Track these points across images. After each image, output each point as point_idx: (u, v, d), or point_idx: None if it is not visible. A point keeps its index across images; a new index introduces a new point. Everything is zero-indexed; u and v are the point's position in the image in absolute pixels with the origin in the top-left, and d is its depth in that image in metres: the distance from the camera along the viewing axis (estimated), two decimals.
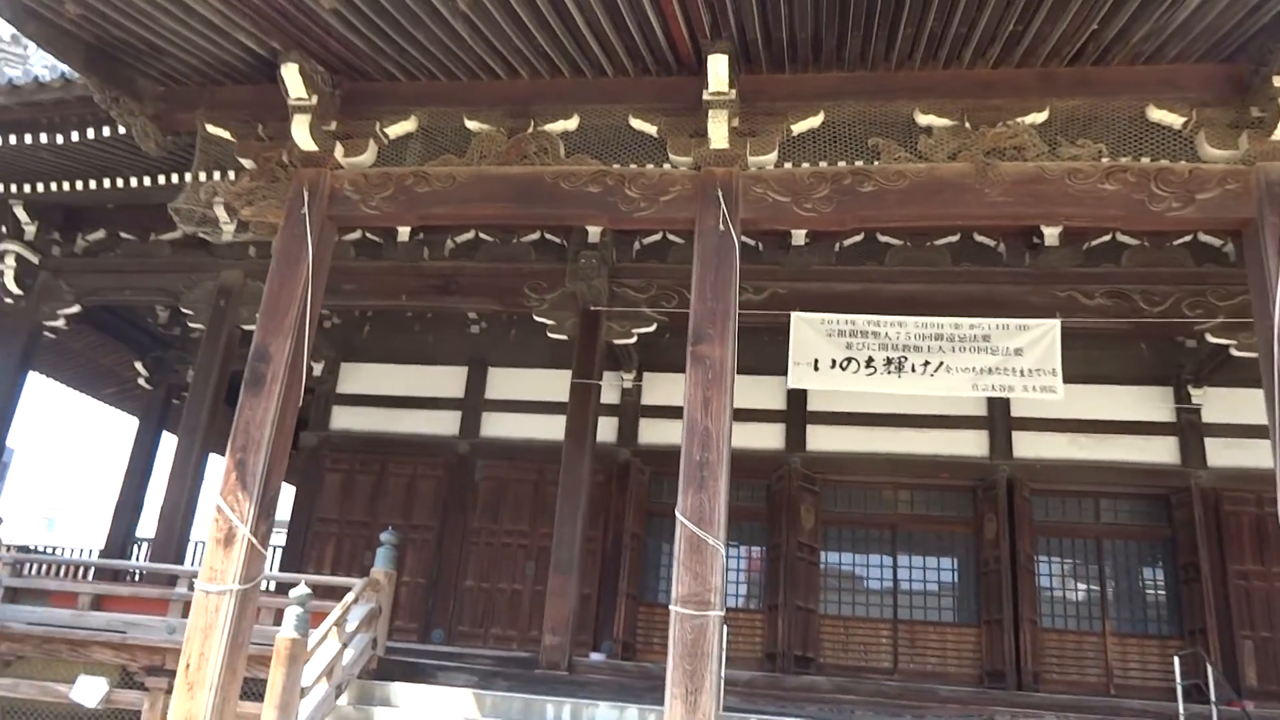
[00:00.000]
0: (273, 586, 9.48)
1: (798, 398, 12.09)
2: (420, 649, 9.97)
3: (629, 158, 7.10)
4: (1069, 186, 6.51)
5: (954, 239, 10.09)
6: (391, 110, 7.32)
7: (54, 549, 19.25)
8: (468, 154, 7.16)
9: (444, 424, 12.66)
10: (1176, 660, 8.04)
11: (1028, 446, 11.61)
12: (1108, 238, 9.75)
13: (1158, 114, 6.61)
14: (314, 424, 12.83)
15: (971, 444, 11.78)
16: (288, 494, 15.19)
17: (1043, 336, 9.00)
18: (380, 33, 6.53)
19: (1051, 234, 9.75)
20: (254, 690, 7.01)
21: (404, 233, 10.70)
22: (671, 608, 5.78)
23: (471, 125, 7.23)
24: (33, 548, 15.64)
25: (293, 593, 6.66)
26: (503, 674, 8.49)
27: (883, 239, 10.19)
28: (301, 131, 6.99)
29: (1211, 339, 9.66)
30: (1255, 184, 6.27)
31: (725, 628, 7.97)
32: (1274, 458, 5.92)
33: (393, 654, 8.88)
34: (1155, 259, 9.56)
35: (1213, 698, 7.40)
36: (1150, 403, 11.62)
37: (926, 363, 9.13)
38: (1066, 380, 9.16)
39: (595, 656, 10.67)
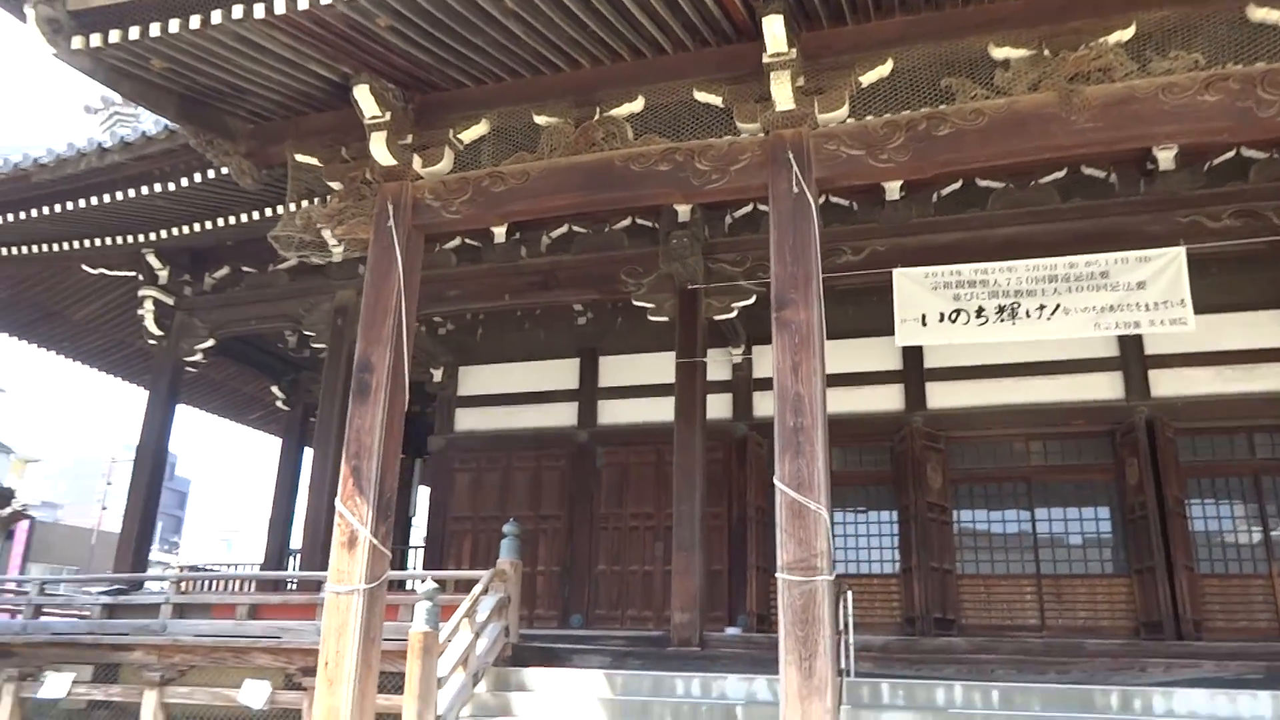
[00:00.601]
0: (413, 586, 9.92)
1: (914, 356, 11.77)
2: (558, 634, 10.24)
3: (697, 132, 7.05)
4: (1164, 103, 6.09)
5: (1060, 175, 9.61)
6: (463, 116, 7.51)
7: (228, 566, 20.71)
8: (538, 149, 7.27)
9: (562, 416, 12.93)
10: None
11: (1167, 384, 10.92)
12: (1231, 154, 9.09)
13: (1260, 13, 6.09)
14: (439, 428, 13.34)
15: (1105, 386, 11.17)
16: (423, 497, 15.87)
17: (1167, 266, 8.46)
18: (439, 43, 6.71)
19: (1166, 157, 9.15)
20: (397, 684, 7.37)
21: (500, 234, 10.99)
22: (779, 575, 5.75)
23: (540, 120, 7.33)
24: (203, 567, 16.87)
25: (420, 588, 6.95)
26: (635, 653, 8.64)
27: (982, 183, 9.80)
28: (379, 148, 7.26)
29: None
30: None
31: (850, 593, 7.93)
32: None
33: (531, 640, 9.18)
34: None
35: None
36: None
37: (1041, 306, 8.73)
38: (1203, 310, 8.60)
39: (730, 631, 10.73)
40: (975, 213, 9.74)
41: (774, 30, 6.34)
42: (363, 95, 7.06)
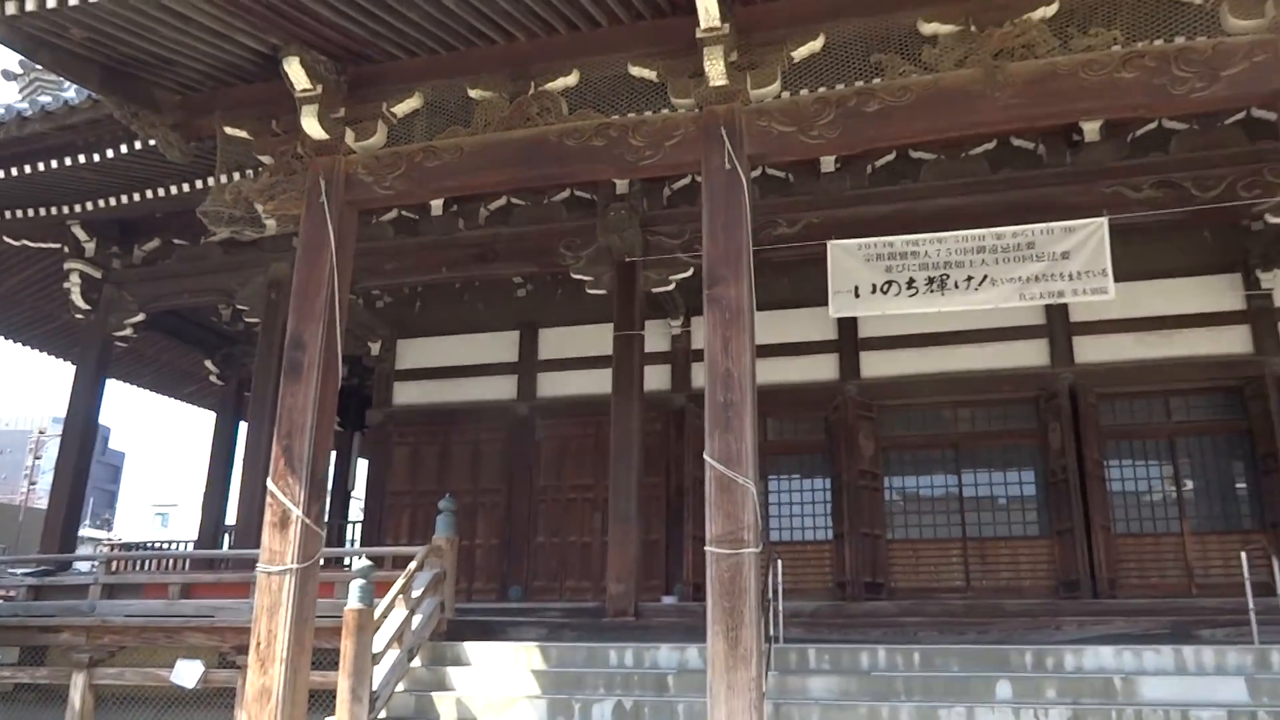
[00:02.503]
0: (350, 562, 9.90)
1: (848, 326, 11.96)
2: (496, 607, 10.33)
3: (633, 106, 7.06)
4: (1084, 80, 6.24)
5: (990, 146, 9.81)
6: (396, 89, 7.40)
7: (163, 544, 20.35)
8: (473, 123, 7.21)
9: (501, 389, 12.92)
10: (1244, 555, 7.83)
11: (1090, 351, 11.29)
12: (1153, 126, 9.37)
13: None
14: (378, 402, 13.24)
15: (1031, 354, 11.50)
16: (363, 470, 15.77)
17: (1090, 236, 8.72)
18: (370, 15, 6.59)
19: (1092, 129, 9.42)
20: (333, 660, 7.37)
21: (437, 207, 10.89)
22: (707, 548, 5.88)
23: (474, 94, 7.26)
24: (137, 544, 16.57)
25: (354, 566, 6.95)
26: (571, 625, 8.76)
27: (915, 155, 9.98)
28: (311, 121, 7.13)
29: (1271, 219, 9.23)
30: None
31: (780, 561, 8.13)
32: None
33: (468, 614, 9.24)
34: (1206, 142, 9.19)
35: (1278, 590, 7.20)
36: (1218, 292, 11.14)
37: (969, 278, 8.95)
38: (1126, 278, 8.88)
39: (667, 600, 10.91)
40: (908, 185, 9.92)
41: (707, 5, 6.33)
42: (293, 68, 6.91)
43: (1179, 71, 6.09)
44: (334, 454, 16.80)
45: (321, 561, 6.82)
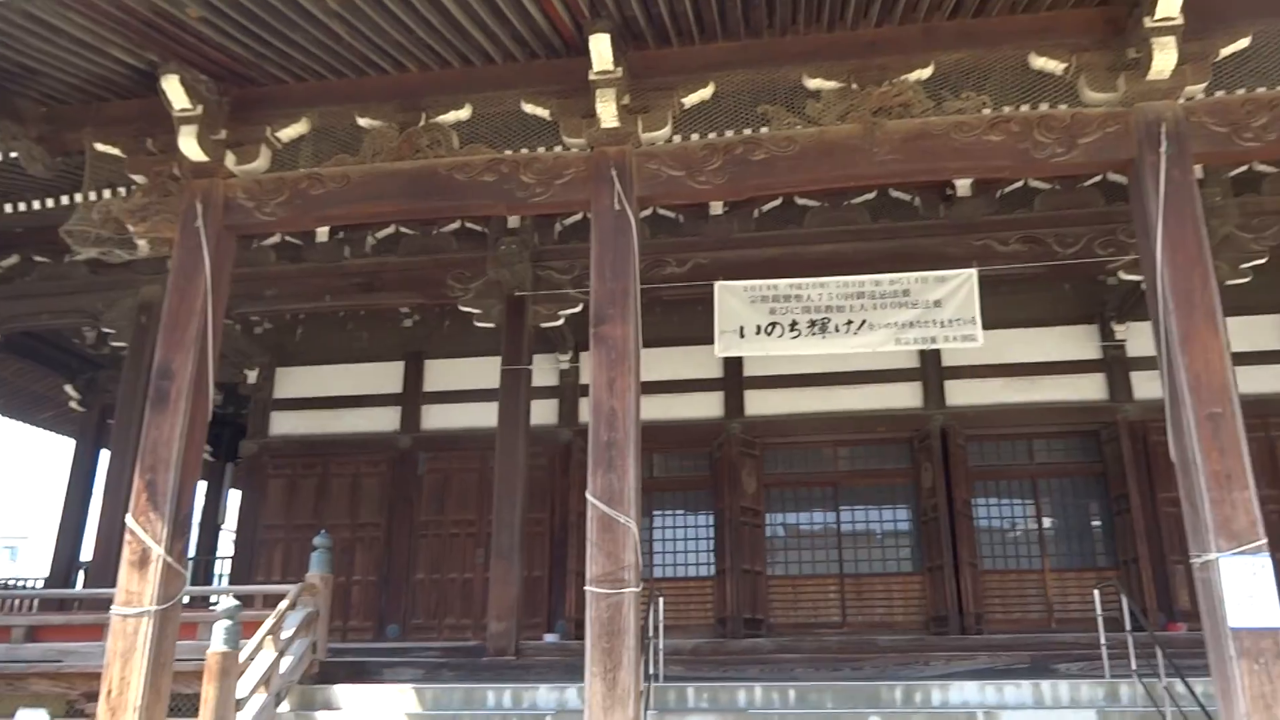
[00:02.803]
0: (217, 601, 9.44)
1: (734, 365, 12.20)
2: (372, 647, 10.04)
3: (525, 143, 7.08)
4: (955, 140, 6.58)
5: (871, 196, 10.18)
6: (282, 114, 7.22)
7: (9, 581, 18.99)
8: (361, 152, 7.09)
9: (384, 420, 12.65)
10: (1096, 593, 8.27)
11: (960, 394, 11.82)
12: (1020, 184, 9.89)
13: (1039, 61, 6.68)
14: (253, 431, 12.76)
15: (906, 396, 11.96)
16: (233, 503, 15.11)
17: (960, 286, 9.11)
18: (256, 38, 6.43)
19: (964, 184, 9.88)
20: (194, 707, 7.01)
21: (323, 233, 10.62)
22: (587, 588, 5.88)
23: (363, 122, 7.15)
24: None
25: (219, 606, 6.65)
26: (449, 665, 8.57)
27: (801, 201, 10.27)
28: (189, 142, 6.88)
29: (1124, 276, 9.87)
30: (1134, 125, 6.37)
31: (661, 599, 8.16)
32: (1163, 389, 6.09)
33: (343, 655, 8.94)
34: (1066, 201, 9.72)
35: (1127, 625, 7.62)
36: (1077, 341, 11.86)
37: (849, 321, 9.22)
38: (994, 326, 9.32)
39: (549, 638, 10.79)
40: (794, 230, 10.19)
41: (600, 49, 6.44)
42: (171, 86, 6.67)
43: (1041, 137, 6.49)
44: (204, 485, 16.13)
45: (187, 599, 6.50)
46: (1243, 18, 6.30)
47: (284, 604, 7.78)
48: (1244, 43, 6.34)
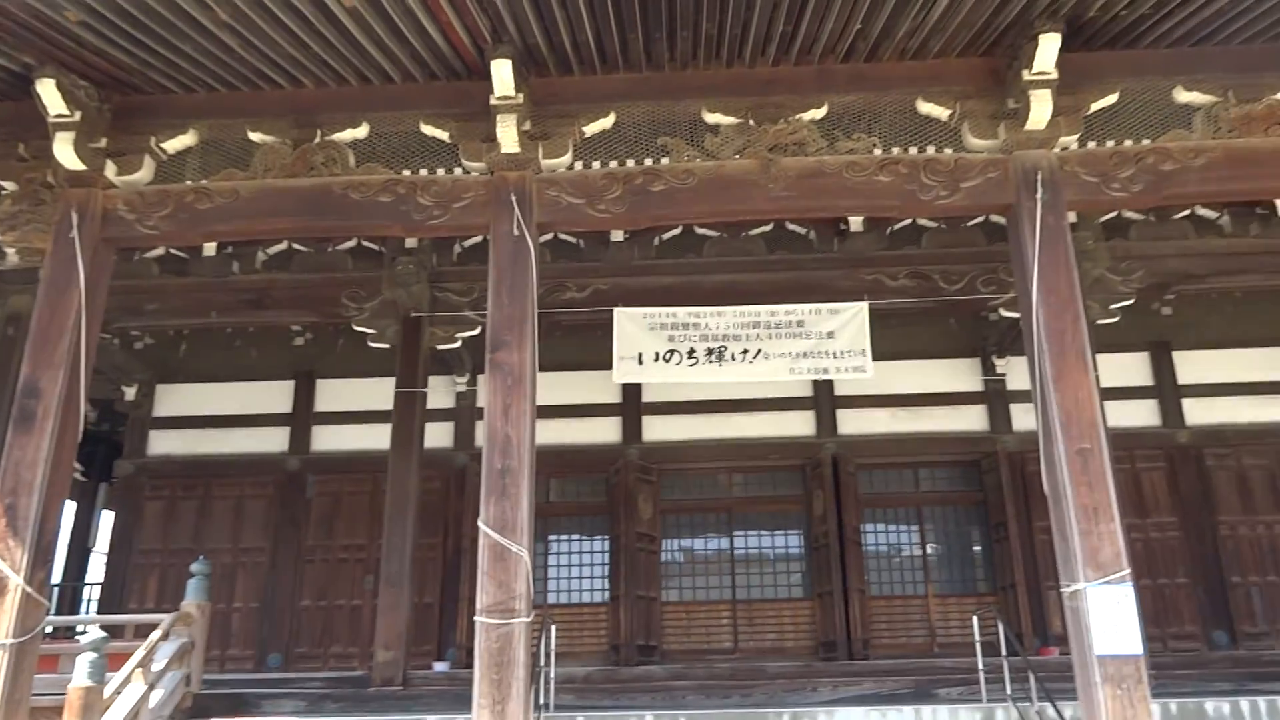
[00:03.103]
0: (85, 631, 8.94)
1: (633, 391, 12.24)
2: (252, 678, 9.66)
3: (423, 164, 7.01)
4: (847, 179, 6.79)
5: (768, 228, 10.38)
6: (168, 124, 6.98)
7: None
8: (252, 167, 6.91)
9: (272, 441, 12.23)
10: (975, 619, 8.57)
11: (851, 423, 12.11)
12: (909, 222, 10.24)
13: (926, 107, 6.97)
14: (130, 451, 12.18)
15: (800, 424, 12.20)
16: (106, 525, 14.35)
17: (852, 319, 9.37)
18: (141, 45, 6.21)
19: (857, 221, 10.18)
20: None
21: (210, 247, 10.24)
22: (477, 618, 5.80)
23: (255, 137, 6.97)
24: None
25: (84, 638, 6.30)
26: (333, 696, 8.32)
27: (701, 231, 10.40)
28: (65, 150, 6.57)
29: (1005, 313, 10.31)
30: (1013, 171, 6.69)
31: (554, 627, 8.10)
32: (1037, 424, 6.37)
33: (220, 686, 8.58)
34: (952, 240, 10.09)
35: (1003, 651, 7.92)
36: (961, 374, 12.31)
37: (745, 350, 9.37)
38: (884, 358, 9.59)
39: (439, 666, 10.57)
40: (693, 259, 10.31)
41: (501, 74, 6.44)
42: (47, 90, 6.38)
43: (927, 180, 6.75)
44: (73, 506, 15.28)
45: (50, 629, 6.14)
46: (1111, 75, 6.71)
47: (156, 634, 7.42)
48: (1112, 98, 6.75)
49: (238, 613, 11.44)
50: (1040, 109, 6.48)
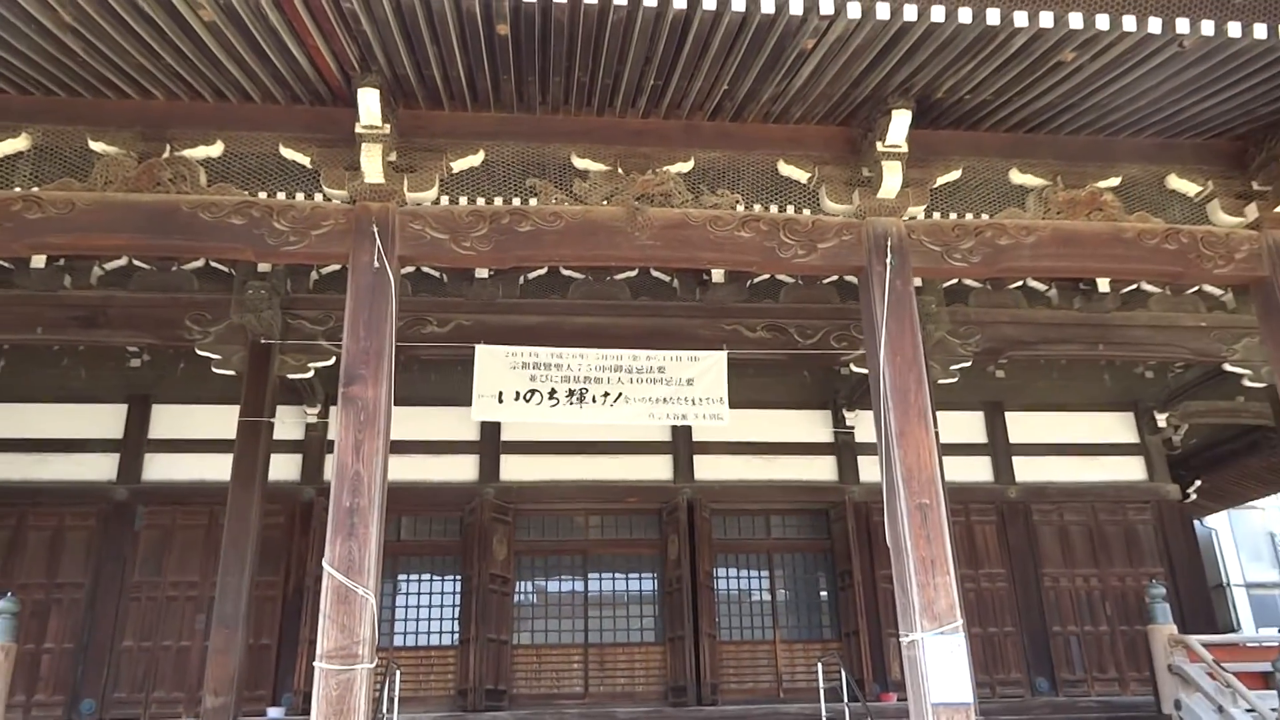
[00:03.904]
0: None
1: (492, 429, 12.07)
2: None
3: (281, 188, 6.78)
4: (710, 233, 6.97)
5: (633, 273, 10.49)
6: None
7: None
8: (91, 178, 6.52)
9: (99, 468, 11.42)
10: (820, 665, 8.79)
11: (708, 469, 12.30)
12: (768, 276, 10.55)
13: (787, 169, 7.26)
14: None
15: (658, 468, 12.30)
16: None
17: (711, 367, 9.55)
18: None
19: (719, 272, 10.41)
20: None
21: (40, 258, 9.54)
22: (316, 664, 5.55)
23: (96, 146, 6.60)
24: None
25: None
26: None
27: (566, 272, 10.40)
28: None
29: (855, 368, 10.72)
30: (865, 236, 7.03)
31: (399, 671, 7.81)
32: (882, 478, 6.63)
33: None
34: (808, 296, 10.43)
35: (844, 696, 8.14)
36: (813, 425, 12.71)
37: (606, 393, 9.39)
38: (740, 406, 9.77)
39: (273, 713, 10.04)
40: (557, 299, 10.29)
41: (368, 103, 6.34)
42: None
43: (786, 238, 7.00)
44: None
45: None
46: (956, 153, 7.17)
47: None
48: (956, 174, 7.21)
49: (48, 654, 10.55)
50: (891, 179, 6.84)
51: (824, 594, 12.22)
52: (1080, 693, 11.47)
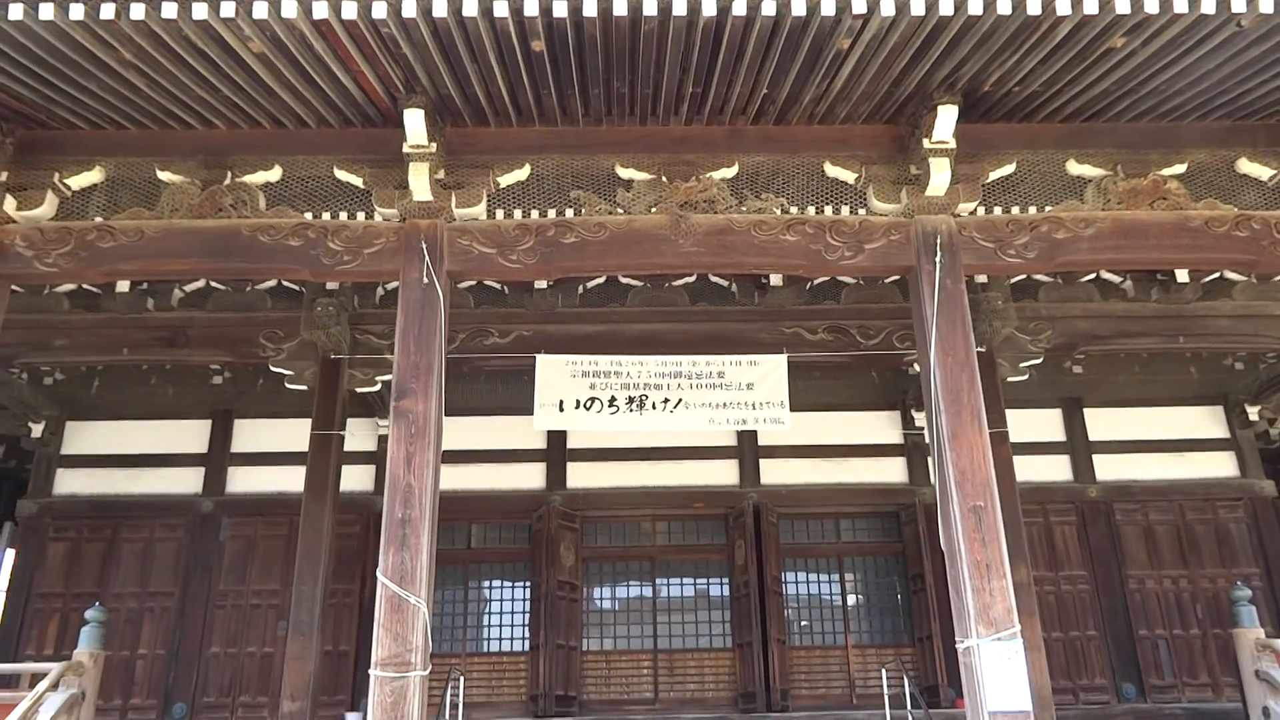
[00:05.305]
0: None
1: (557, 437, 12.21)
2: None
3: (337, 208, 7.02)
4: (755, 237, 6.95)
5: (690, 279, 10.50)
6: (74, 160, 6.92)
7: None
8: (159, 206, 6.85)
9: (185, 482, 11.92)
10: (884, 672, 8.65)
11: (774, 473, 12.20)
12: (828, 278, 10.44)
13: (834, 170, 7.18)
14: (34, 490, 11.78)
15: (723, 473, 12.25)
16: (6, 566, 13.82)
17: (771, 371, 9.48)
18: (43, 81, 6.15)
19: (776, 275, 10.34)
20: None
21: (124, 283, 10.05)
22: (371, 671, 5.69)
23: (163, 176, 6.93)
24: None
25: None
26: None
27: (624, 280, 10.48)
28: None
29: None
30: (914, 235, 6.91)
31: (463, 678, 7.96)
32: (934, 481, 6.49)
33: None
34: (870, 296, 10.27)
35: (907, 704, 7.99)
36: (881, 426, 12.49)
37: (666, 400, 9.41)
38: (806, 409, 9.69)
39: (351, 717, 10.30)
40: (615, 308, 10.38)
41: (414, 124, 6.50)
42: None
43: (832, 240, 6.93)
44: None
45: None
46: (1008, 146, 6.98)
47: (43, 685, 7.17)
48: (1009, 168, 7.02)
49: (142, 660, 11.06)
50: (939, 176, 6.70)
51: (899, 597, 12.00)
52: (1170, 699, 11.01)
